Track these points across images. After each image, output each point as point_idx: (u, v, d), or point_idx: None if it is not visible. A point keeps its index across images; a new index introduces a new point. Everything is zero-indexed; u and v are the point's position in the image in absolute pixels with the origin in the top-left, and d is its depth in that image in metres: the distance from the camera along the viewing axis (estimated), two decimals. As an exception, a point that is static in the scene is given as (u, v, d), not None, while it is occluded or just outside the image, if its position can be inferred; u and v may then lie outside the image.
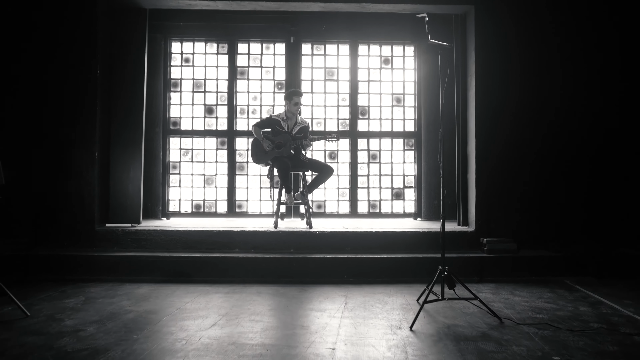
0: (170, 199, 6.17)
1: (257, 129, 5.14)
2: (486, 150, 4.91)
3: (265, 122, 5.17)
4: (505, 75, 4.93)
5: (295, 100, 5.06)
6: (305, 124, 5.24)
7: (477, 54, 4.89)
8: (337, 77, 6.27)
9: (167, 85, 6.17)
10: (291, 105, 5.08)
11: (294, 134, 5.11)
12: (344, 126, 6.28)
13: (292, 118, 5.16)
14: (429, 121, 6.24)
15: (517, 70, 4.93)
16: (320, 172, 5.04)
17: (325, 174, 5.03)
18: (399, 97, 6.32)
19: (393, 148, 6.29)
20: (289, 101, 5.09)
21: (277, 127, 5.10)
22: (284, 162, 4.86)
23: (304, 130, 5.20)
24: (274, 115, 5.18)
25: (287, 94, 5.13)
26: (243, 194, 6.19)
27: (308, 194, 5.03)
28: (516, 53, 4.94)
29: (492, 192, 4.91)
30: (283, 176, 4.86)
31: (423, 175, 6.22)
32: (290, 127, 5.14)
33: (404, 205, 6.27)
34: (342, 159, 6.26)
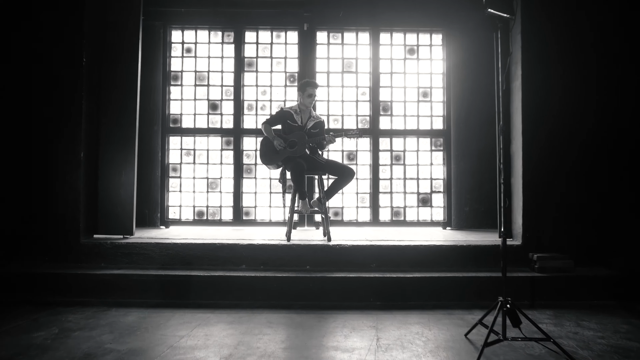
0: (169, 205, 5.53)
1: (267, 127, 4.49)
2: (534, 150, 4.20)
3: (275, 118, 4.52)
4: (547, 63, 4.22)
5: (309, 91, 4.42)
6: (320, 119, 4.58)
7: (524, 37, 4.19)
8: (356, 69, 5.59)
9: (166, 78, 5.53)
10: (304, 97, 4.43)
11: (308, 130, 4.46)
12: (364, 123, 5.60)
13: (305, 112, 4.51)
14: (460, 118, 5.54)
15: (558, 56, 4.23)
16: (340, 175, 4.36)
17: (345, 177, 4.36)
18: (426, 91, 5.63)
19: (419, 148, 5.60)
20: (302, 93, 4.44)
21: (289, 121, 4.44)
22: (299, 164, 4.19)
23: (320, 126, 4.54)
24: (286, 108, 4.52)
25: (301, 84, 4.48)
26: (251, 200, 5.53)
27: (326, 201, 4.36)
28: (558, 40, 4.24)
29: (542, 198, 4.20)
30: (297, 180, 4.20)
31: (453, 178, 5.52)
32: (304, 122, 4.48)
33: (431, 212, 5.58)
34: (362, 160, 5.58)
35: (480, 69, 5.51)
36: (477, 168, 5.51)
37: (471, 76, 5.51)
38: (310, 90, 4.43)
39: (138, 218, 5.35)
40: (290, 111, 4.48)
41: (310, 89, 4.43)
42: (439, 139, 5.61)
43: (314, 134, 4.49)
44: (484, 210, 5.53)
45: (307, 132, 4.46)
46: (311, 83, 4.46)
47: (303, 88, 4.45)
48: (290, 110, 4.49)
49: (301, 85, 4.47)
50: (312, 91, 4.43)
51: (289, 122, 4.45)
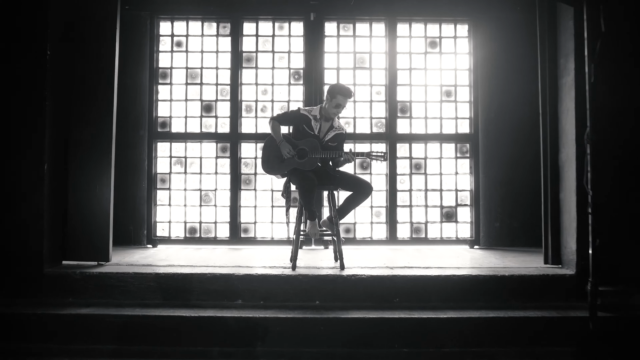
0: (157, 221, 4.84)
1: (275, 124, 3.76)
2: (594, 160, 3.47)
3: (289, 117, 3.81)
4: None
5: (339, 101, 3.65)
6: (343, 130, 3.87)
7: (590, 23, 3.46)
8: (370, 65, 4.89)
9: (153, 76, 4.84)
10: (331, 105, 3.68)
11: (325, 142, 3.75)
12: (379, 127, 4.90)
13: (327, 120, 3.78)
14: (489, 120, 4.84)
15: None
16: (355, 190, 3.66)
17: (361, 193, 3.65)
18: (450, 89, 4.93)
19: (442, 155, 4.89)
20: (329, 99, 3.68)
21: (305, 126, 3.73)
22: (308, 178, 3.50)
23: (339, 138, 3.83)
24: (304, 110, 3.81)
25: (331, 89, 3.71)
26: (250, 215, 4.83)
27: (338, 220, 3.66)
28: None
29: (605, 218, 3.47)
30: (306, 198, 3.49)
31: (481, 190, 4.82)
32: (323, 132, 3.77)
33: (456, 228, 4.87)
34: (377, 170, 4.88)
35: (513, 63, 4.81)
36: (509, 178, 4.81)
37: (502, 72, 4.82)
38: (341, 99, 3.65)
39: (122, 236, 4.68)
40: (308, 116, 3.76)
41: (341, 99, 3.65)
42: (465, 144, 4.91)
43: (331, 148, 3.76)
44: (517, 226, 4.83)
45: (323, 144, 3.74)
46: (344, 91, 3.66)
47: (332, 94, 3.67)
48: (309, 115, 3.76)
49: (331, 91, 3.70)
50: (342, 101, 3.66)
51: (304, 127, 3.74)
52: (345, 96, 3.67)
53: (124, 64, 4.71)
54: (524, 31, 4.82)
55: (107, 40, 3.69)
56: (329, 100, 3.69)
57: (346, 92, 3.67)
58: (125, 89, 4.75)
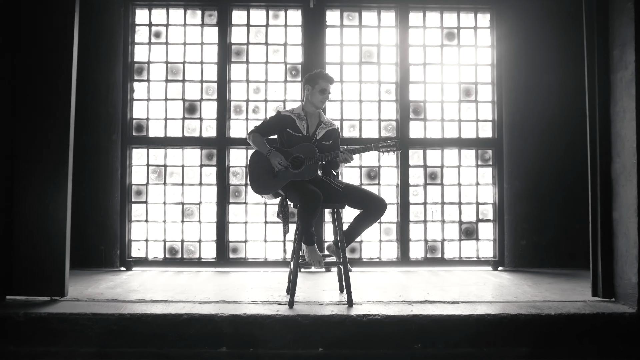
0: (132, 240, 4.18)
1: (257, 137, 3.16)
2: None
3: (269, 125, 3.19)
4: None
5: (322, 85, 3.10)
6: (333, 126, 3.26)
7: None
8: (378, 60, 4.26)
9: (128, 71, 4.18)
10: (314, 93, 3.11)
11: (318, 141, 3.13)
12: (389, 130, 4.26)
13: (313, 116, 3.18)
14: (514, 123, 4.22)
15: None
16: (365, 208, 3.01)
17: (372, 211, 3.00)
18: (469, 87, 4.30)
19: (461, 163, 4.26)
20: (310, 87, 3.12)
21: (290, 129, 3.12)
22: (311, 193, 2.85)
23: (333, 135, 3.22)
24: (285, 112, 3.20)
25: (310, 76, 3.16)
26: (240, 232, 4.18)
27: (345, 245, 3.01)
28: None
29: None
30: (308, 215, 2.84)
31: (506, 202, 4.20)
32: (312, 130, 3.16)
33: (477, 247, 4.24)
34: (387, 179, 4.24)
35: (542, 57, 4.21)
36: (537, 189, 4.20)
37: (529, 67, 4.20)
38: (324, 84, 3.10)
39: (92, 256, 4.05)
40: (291, 116, 3.15)
41: (324, 83, 3.10)
42: (487, 150, 4.28)
43: (327, 148, 3.16)
44: (545, 245, 4.21)
45: (318, 144, 3.13)
46: (324, 75, 3.13)
47: (313, 80, 3.12)
48: (291, 115, 3.16)
49: (310, 78, 3.15)
50: (325, 85, 3.10)
51: (289, 132, 3.12)
52: (327, 80, 3.14)
53: (93, 58, 4.08)
54: (555, 20, 4.22)
55: (62, 29, 3.02)
56: (310, 89, 3.15)
57: (326, 76, 3.16)
58: (95, 86, 4.11)
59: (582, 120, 4.16)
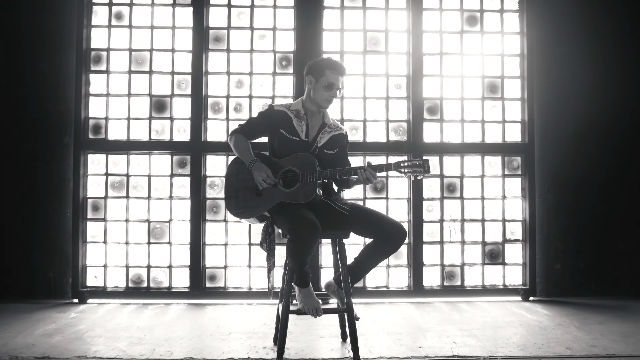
0: (88, 265, 3.44)
1: (240, 140, 2.45)
2: None
3: (258, 124, 2.48)
4: None
5: (330, 78, 2.37)
6: (341, 130, 2.55)
7: None
8: (385, 48, 3.55)
9: (83, 59, 3.44)
10: (318, 88, 2.39)
11: (319, 149, 2.42)
12: (399, 133, 3.56)
13: (315, 115, 2.47)
14: (547, 124, 3.55)
15: None
16: (379, 236, 2.28)
17: (388, 241, 2.27)
18: (494, 82, 3.61)
19: (485, 172, 3.57)
20: (315, 80, 2.40)
21: (284, 130, 2.40)
22: (306, 221, 2.12)
23: (339, 142, 2.52)
24: (279, 106, 2.48)
25: (314, 65, 2.43)
26: (219, 256, 3.46)
27: (352, 285, 2.29)
28: None
29: None
30: (297, 254, 2.13)
31: (538, 219, 3.52)
32: (312, 134, 2.44)
33: (503, 272, 3.55)
34: (396, 192, 3.54)
35: (581, 46, 3.54)
36: (574, 203, 3.54)
37: (566, 58, 3.54)
38: (332, 76, 2.36)
39: (39, 285, 3.36)
40: (286, 112, 2.44)
41: (332, 75, 2.36)
42: (516, 157, 3.59)
43: (331, 159, 2.44)
44: (585, 268, 3.54)
45: (319, 153, 2.42)
46: (333, 64, 2.39)
47: (317, 71, 2.39)
48: (287, 111, 2.45)
49: (314, 67, 2.42)
50: (333, 78, 2.37)
51: (282, 134, 2.40)
52: (337, 71, 2.39)
53: (39, 43, 3.35)
54: (596, 2, 3.54)
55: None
56: (314, 82, 2.40)
57: (336, 65, 2.40)
58: (41, 78, 3.38)
59: (630, 122, 3.55)
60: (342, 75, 2.41)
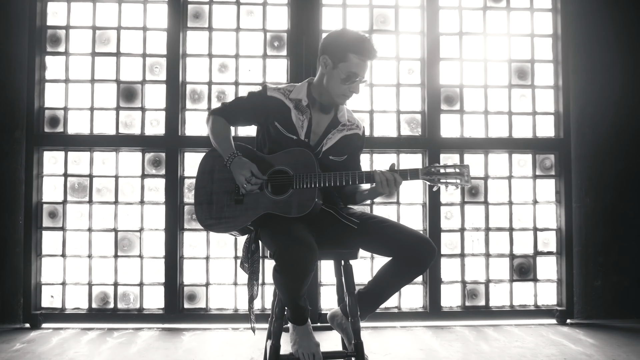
0: (43, 283, 2.90)
1: (219, 124, 1.94)
2: None
3: (245, 107, 1.95)
4: None
5: (354, 66, 1.78)
6: (358, 129, 2.01)
7: None
8: (396, 27, 3.02)
9: (37, 39, 2.90)
10: (334, 77, 1.81)
11: (323, 152, 1.87)
12: (413, 127, 3.03)
13: (324, 108, 1.92)
14: (585, 117, 3.03)
15: None
16: (398, 254, 1.72)
17: (411, 260, 1.71)
18: (523, 67, 3.08)
19: (512, 173, 3.04)
20: (333, 63, 1.81)
21: (278, 123, 1.86)
22: (299, 241, 1.56)
23: (351, 144, 1.98)
24: (275, 90, 1.95)
25: (335, 41, 1.83)
26: (199, 272, 2.92)
27: (363, 318, 1.75)
28: None
29: None
30: (287, 284, 1.60)
31: (575, 228, 2.99)
32: (318, 132, 1.90)
33: (535, 290, 3.02)
34: (409, 196, 3.01)
35: (625, 25, 3.01)
36: (617, 208, 3.02)
37: (607, 39, 3.01)
38: (357, 63, 1.78)
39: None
40: (283, 101, 1.91)
41: (357, 61, 1.78)
42: (549, 155, 3.06)
43: (334, 169, 1.89)
44: (630, 286, 3.02)
45: (322, 159, 1.88)
46: (362, 46, 1.79)
47: (339, 53, 1.80)
48: (285, 100, 1.91)
49: (334, 44, 1.82)
50: (359, 67, 1.79)
51: (277, 127, 1.86)
52: (365, 55, 1.79)
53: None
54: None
55: None
56: (331, 67, 1.82)
57: (365, 46, 1.79)
58: (-15, 60, 2.83)
59: None
60: (371, 60, 1.82)
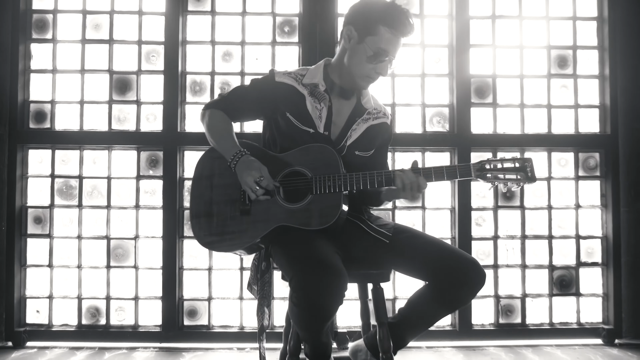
0: (28, 296, 2.61)
1: (217, 118, 1.67)
2: None
3: (247, 96, 1.67)
4: None
5: (384, 41, 1.52)
6: (382, 117, 1.72)
7: None
8: (420, 10, 2.70)
9: (21, 24, 2.61)
10: (360, 53, 1.54)
11: (347, 148, 1.56)
12: (439, 122, 2.70)
13: (345, 93, 1.62)
14: (636, 109, 2.69)
15: None
16: (437, 277, 1.41)
17: (456, 286, 1.40)
18: (563, 54, 2.74)
19: (552, 173, 2.71)
20: (359, 36, 1.55)
21: (290, 114, 1.56)
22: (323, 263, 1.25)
23: (379, 136, 1.69)
24: (283, 74, 1.67)
25: (365, 10, 1.55)
26: (200, 284, 2.61)
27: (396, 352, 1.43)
28: None
29: None
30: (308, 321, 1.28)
31: (624, 236, 2.65)
32: (339, 124, 1.61)
33: (577, 306, 2.68)
34: (435, 200, 2.68)
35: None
36: (675, 215, 2.65)
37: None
38: (388, 38, 1.53)
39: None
40: (294, 87, 1.62)
41: (389, 35, 1.53)
42: (593, 153, 2.72)
43: (361, 166, 1.59)
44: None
45: (347, 154, 1.58)
46: (396, 17, 1.53)
47: (368, 23, 1.53)
48: (298, 85, 1.62)
49: (363, 12, 1.56)
50: (389, 43, 1.53)
51: (289, 119, 1.57)
52: (398, 30, 1.52)
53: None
54: None
55: None
56: (356, 40, 1.55)
57: (399, 18, 1.53)
58: (-36, 49, 2.54)
59: None
60: (405, 36, 1.55)
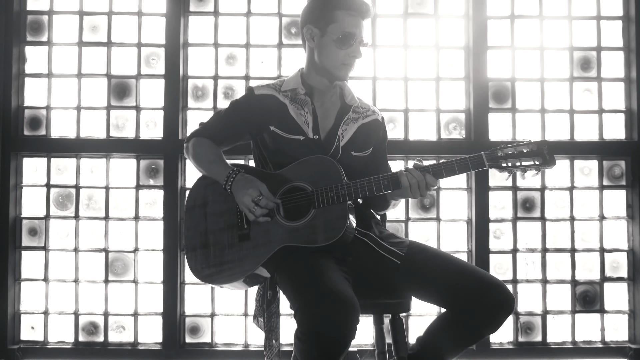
0: (23, 312, 2.49)
1: (203, 147, 1.54)
2: None
3: (229, 121, 1.56)
4: None
5: (345, 24, 1.44)
6: (372, 114, 1.61)
7: None
8: (435, 9, 2.56)
9: (15, 26, 2.50)
10: (328, 45, 1.47)
11: (342, 149, 1.46)
12: (455, 129, 2.56)
13: (327, 93, 1.52)
14: (666, 116, 2.52)
15: None
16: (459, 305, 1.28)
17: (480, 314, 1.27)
18: (586, 56, 2.59)
19: (575, 183, 2.56)
20: (320, 31, 1.48)
21: (275, 127, 1.45)
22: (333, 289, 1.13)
23: (373, 134, 1.59)
24: (262, 88, 1.56)
25: (315, 4, 1.50)
26: (203, 299, 2.49)
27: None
28: None
29: None
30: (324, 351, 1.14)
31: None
32: (326, 127, 1.50)
33: (602, 324, 2.53)
34: (450, 211, 2.54)
35: None
36: None
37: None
38: (348, 21, 1.44)
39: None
40: (275, 96, 1.52)
41: (348, 18, 1.44)
42: (618, 161, 2.57)
43: (361, 167, 1.49)
44: None
45: (343, 156, 1.45)
46: (357, 2, 1.44)
47: (323, 15, 1.46)
48: (278, 95, 1.52)
49: (315, 7, 1.49)
50: (351, 25, 1.45)
51: (275, 132, 1.46)
52: (354, 10, 1.45)
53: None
54: None
55: None
56: (319, 36, 1.49)
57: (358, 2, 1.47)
58: (-45, 52, 2.42)
59: None
60: (364, 18, 1.47)
